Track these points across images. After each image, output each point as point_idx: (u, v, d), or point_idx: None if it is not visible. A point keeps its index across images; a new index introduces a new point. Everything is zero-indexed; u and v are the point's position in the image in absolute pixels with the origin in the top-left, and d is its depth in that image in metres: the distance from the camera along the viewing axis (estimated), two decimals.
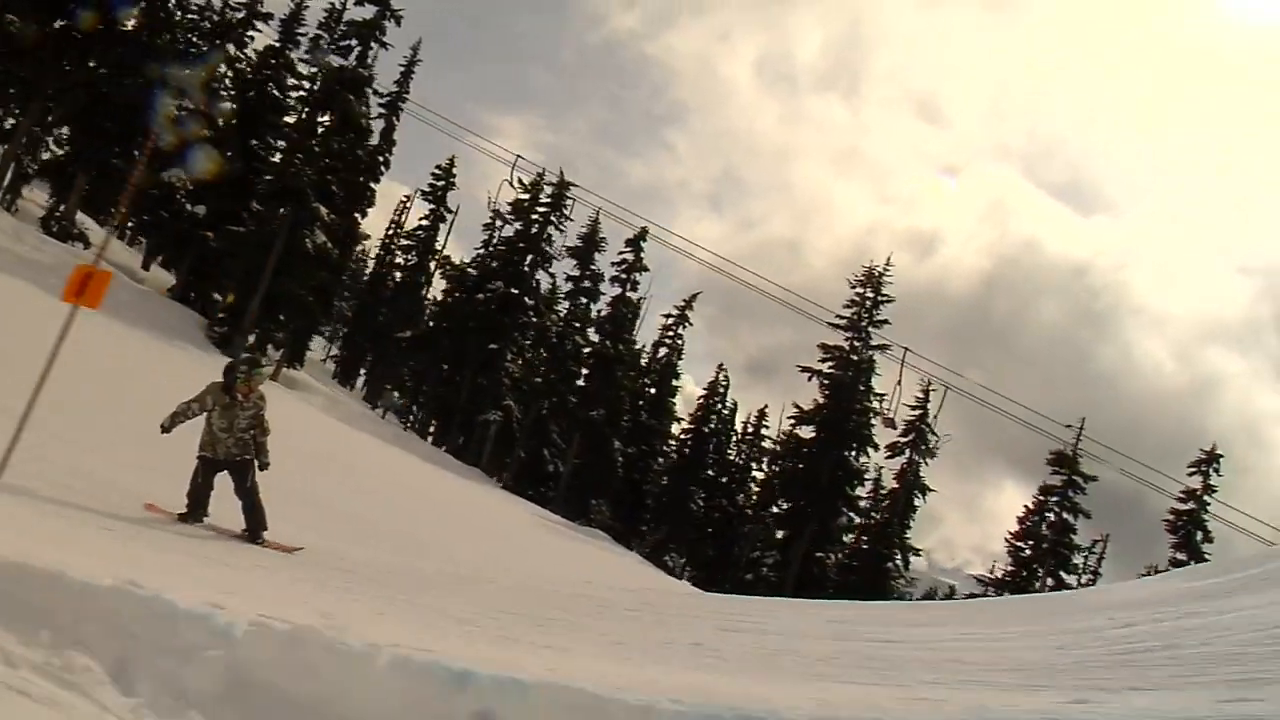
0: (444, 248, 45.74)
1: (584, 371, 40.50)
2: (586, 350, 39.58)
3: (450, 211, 45.70)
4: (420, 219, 46.39)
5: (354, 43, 31.68)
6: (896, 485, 42.01)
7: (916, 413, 41.95)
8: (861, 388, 41.21)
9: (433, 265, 45.01)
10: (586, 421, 38.45)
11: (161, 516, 8.63)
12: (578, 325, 39.90)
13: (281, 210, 29.43)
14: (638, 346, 44.81)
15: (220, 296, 31.39)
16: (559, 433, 39.73)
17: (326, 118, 30.76)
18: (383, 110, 33.82)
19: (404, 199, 49.79)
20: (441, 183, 45.57)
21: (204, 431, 9.11)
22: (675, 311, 45.64)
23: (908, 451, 42.20)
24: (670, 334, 45.66)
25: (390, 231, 48.46)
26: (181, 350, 27.25)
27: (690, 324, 46.02)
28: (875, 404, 41.38)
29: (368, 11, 31.87)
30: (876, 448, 41.79)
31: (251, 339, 30.30)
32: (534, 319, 39.44)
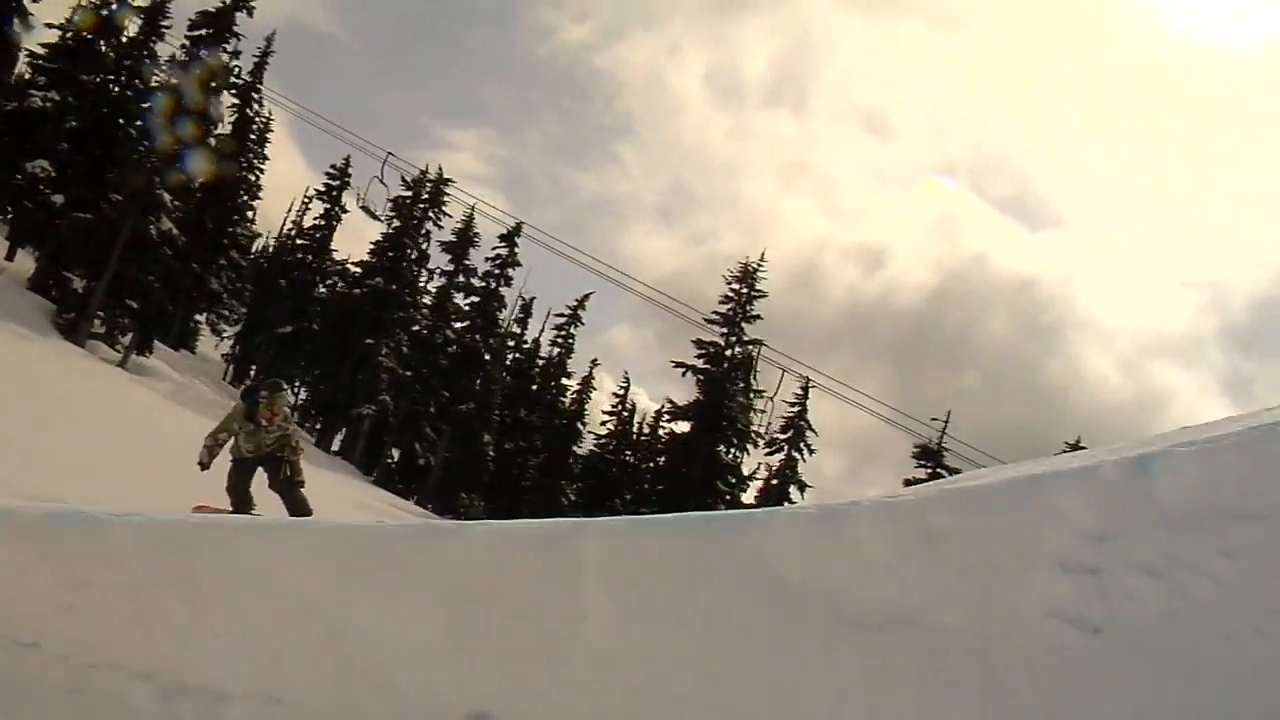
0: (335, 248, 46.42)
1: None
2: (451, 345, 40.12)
3: (345, 210, 46.39)
4: (316, 218, 47.11)
5: (205, 32, 32.25)
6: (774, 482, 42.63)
7: (795, 409, 42.61)
8: (740, 384, 41.80)
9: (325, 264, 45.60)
10: (456, 415, 38.94)
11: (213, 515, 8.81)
12: (451, 318, 40.37)
13: (115, 196, 29.97)
14: (527, 345, 45.74)
15: (76, 285, 31.84)
16: (431, 427, 40.21)
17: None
18: (235, 101, 34.21)
19: (305, 200, 50.35)
20: (336, 182, 46.20)
21: (231, 448, 9.45)
22: (568, 311, 46.49)
23: (785, 448, 42.84)
24: (562, 333, 46.42)
25: (288, 230, 49.18)
26: (19, 337, 27.68)
27: (582, 323, 46.73)
28: (752, 401, 42.05)
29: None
30: (755, 444, 42.34)
31: (98, 324, 30.72)
32: (409, 314, 40.00)
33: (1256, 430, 7.02)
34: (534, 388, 44.63)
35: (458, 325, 40.70)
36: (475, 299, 41.47)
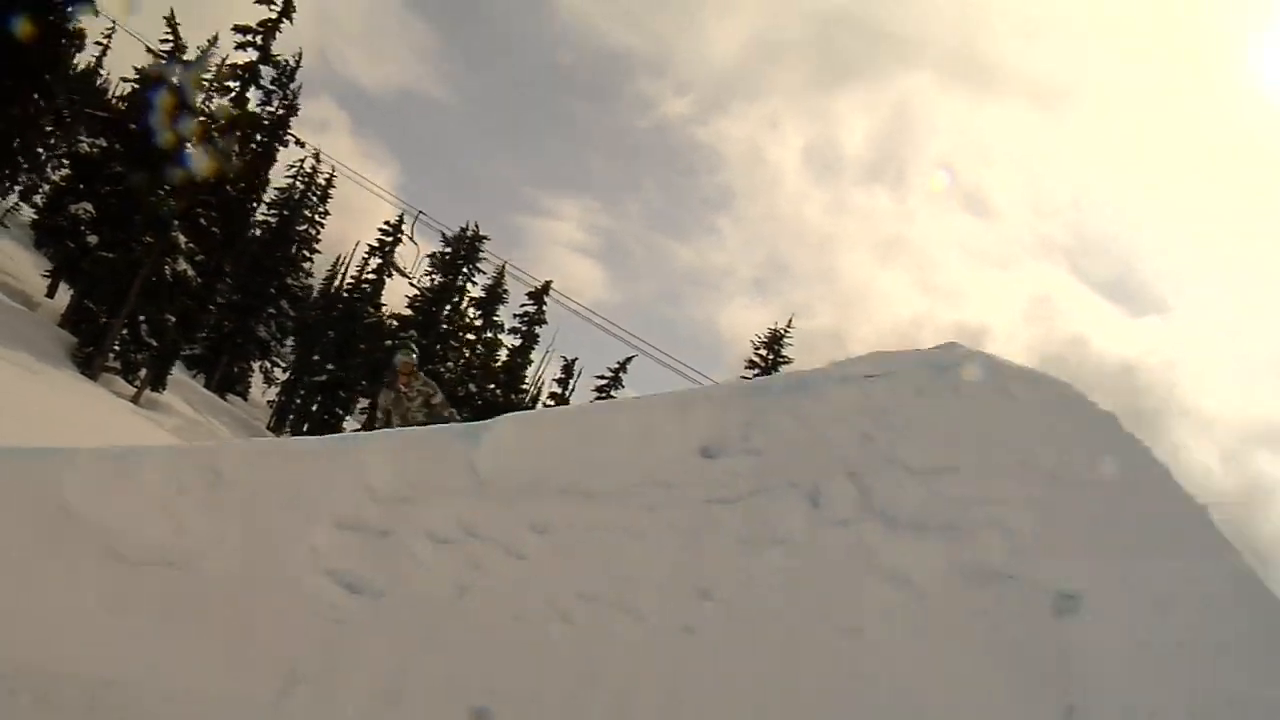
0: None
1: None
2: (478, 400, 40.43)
3: (396, 269, 47.44)
4: (368, 272, 48.27)
5: (234, 85, 33.56)
6: None
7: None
8: None
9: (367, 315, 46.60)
10: None
11: None
12: (474, 373, 40.71)
13: (147, 239, 31.17)
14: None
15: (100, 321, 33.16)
16: None
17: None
18: (256, 146, 35.36)
19: (364, 254, 51.68)
20: (390, 237, 47.34)
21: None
22: (609, 374, 46.43)
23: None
24: (602, 395, 46.32)
25: (337, 282, 50.55)
26: (27, 368, 28.85)
27: (622, 386, 46.55)
28: None
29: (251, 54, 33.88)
30: None
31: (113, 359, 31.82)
32: (437, 368, 40.50)
33: (591, 408, 6.67)
34: None
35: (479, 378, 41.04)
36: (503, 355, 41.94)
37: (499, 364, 40.96)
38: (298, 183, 46.42)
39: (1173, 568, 5.92)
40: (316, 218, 50.09)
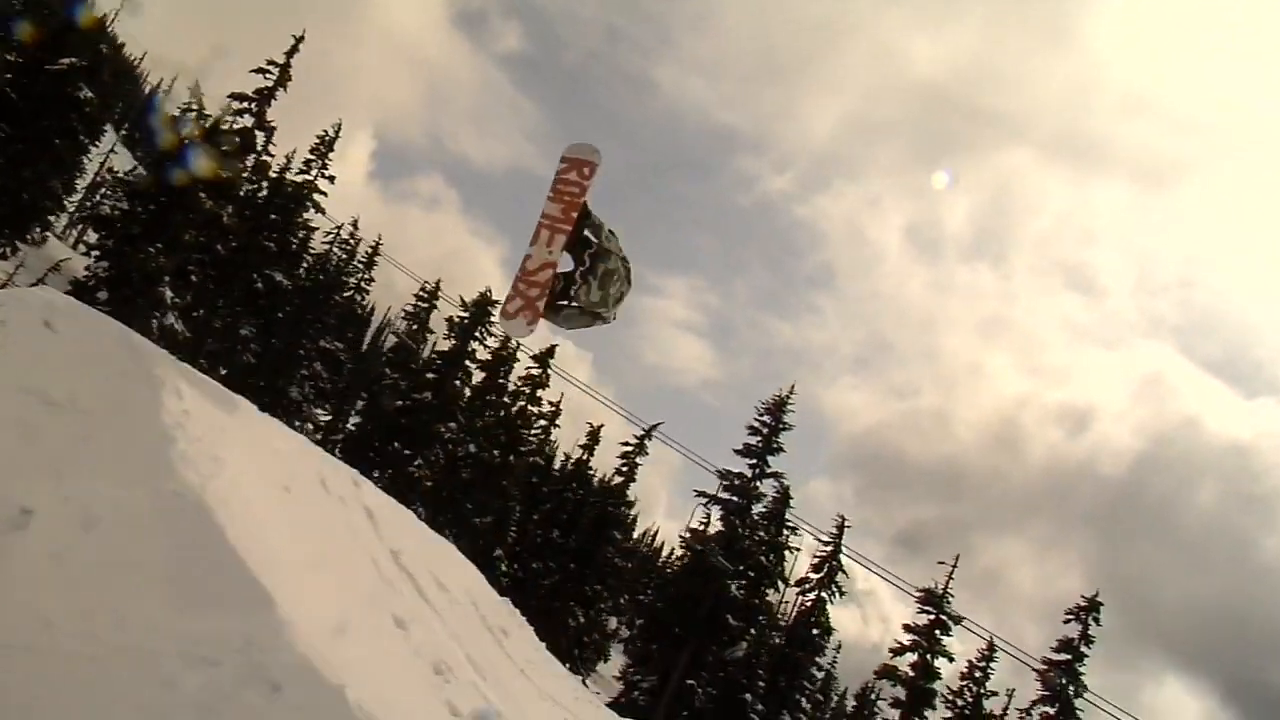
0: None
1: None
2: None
3: (431, 331, 48.99)
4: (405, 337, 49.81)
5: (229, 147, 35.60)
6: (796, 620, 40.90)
7: (829, 548, 40.88)
8: (765, 521, 40.56)
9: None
10: (472, 530, 39.61)
11: None
12: (479, 435, 41.31)
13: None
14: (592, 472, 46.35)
15: None
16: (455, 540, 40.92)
17: None
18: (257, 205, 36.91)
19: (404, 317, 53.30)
20: (425, 304, 48.89)
21: None
22: (634, 440, 46.42)
23: (817, 590, 40.98)
24: (625, 462, 46.30)
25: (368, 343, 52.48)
26: None
27: (646, 453, 46.36)
28: (787, 538, 40.66)
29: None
30: (783, 580, 40.76)
31: None
32: (443, 429, 41.40)
33: None
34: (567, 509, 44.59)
35: (482, 440, 41.55)
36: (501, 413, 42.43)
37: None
38: (336, 249, 48.45)
39: (109, 491, 5.99)
40: (363, 284, 52.47)
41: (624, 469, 45.27)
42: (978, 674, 39.26)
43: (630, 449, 45.55)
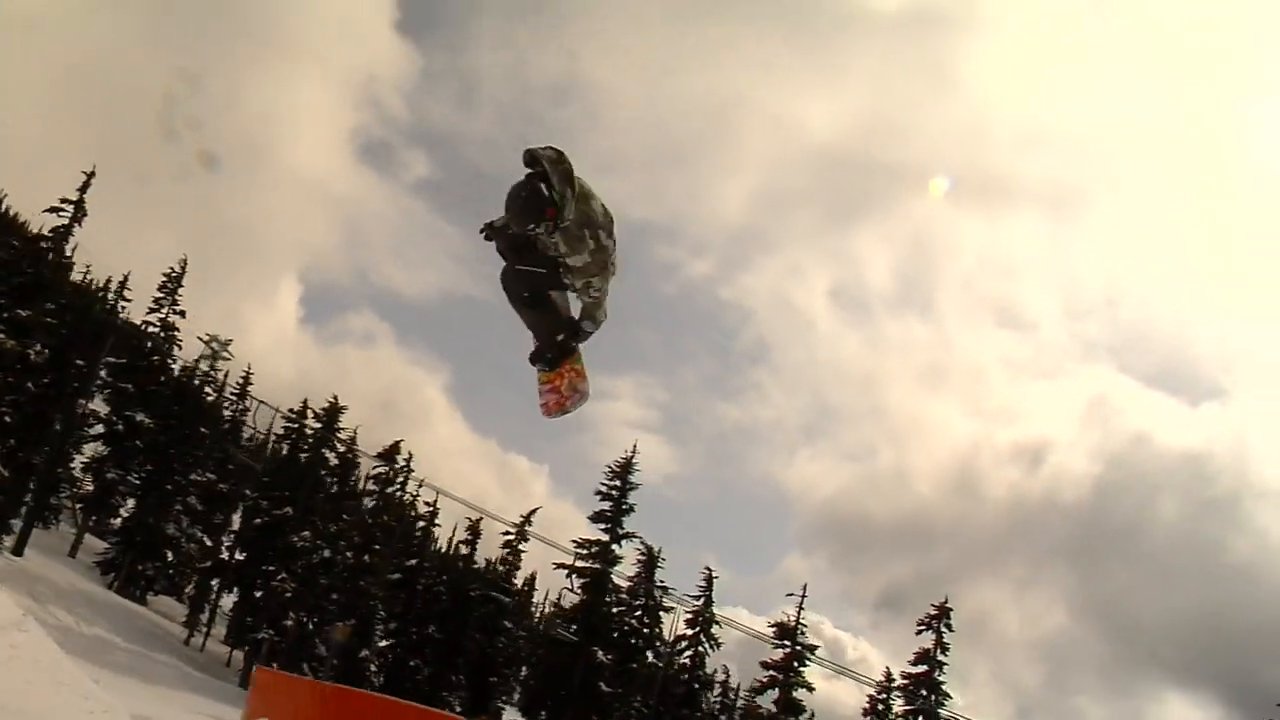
0: None
1: None
2: None
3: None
4: None
5: None
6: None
7: (700, 600, 40.56)
8: (626, 582, 40.35)
9: None
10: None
11: None
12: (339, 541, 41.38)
13: None
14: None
15: None
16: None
17: None
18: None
19: None
20: (294, 424, 49.39)
21: None
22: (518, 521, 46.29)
23: (692, 645, 40.56)
24: (509, 552, 46.09)
25: None
26: None
27: (526, 540, 46.25)
28: (660, 598, 40.40)
29: None
30: (661, 641, 40.38)
31: None
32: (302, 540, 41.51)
33: None
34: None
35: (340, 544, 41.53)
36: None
37: None
38: (199, 380, 48.96)
39: None
40: (238, 414, 53.15)
41: (508, 557, 45.16)
42: (880, 707, 38.69)
43: (511, 537, 45.47)
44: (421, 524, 46.76)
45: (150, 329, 46.50)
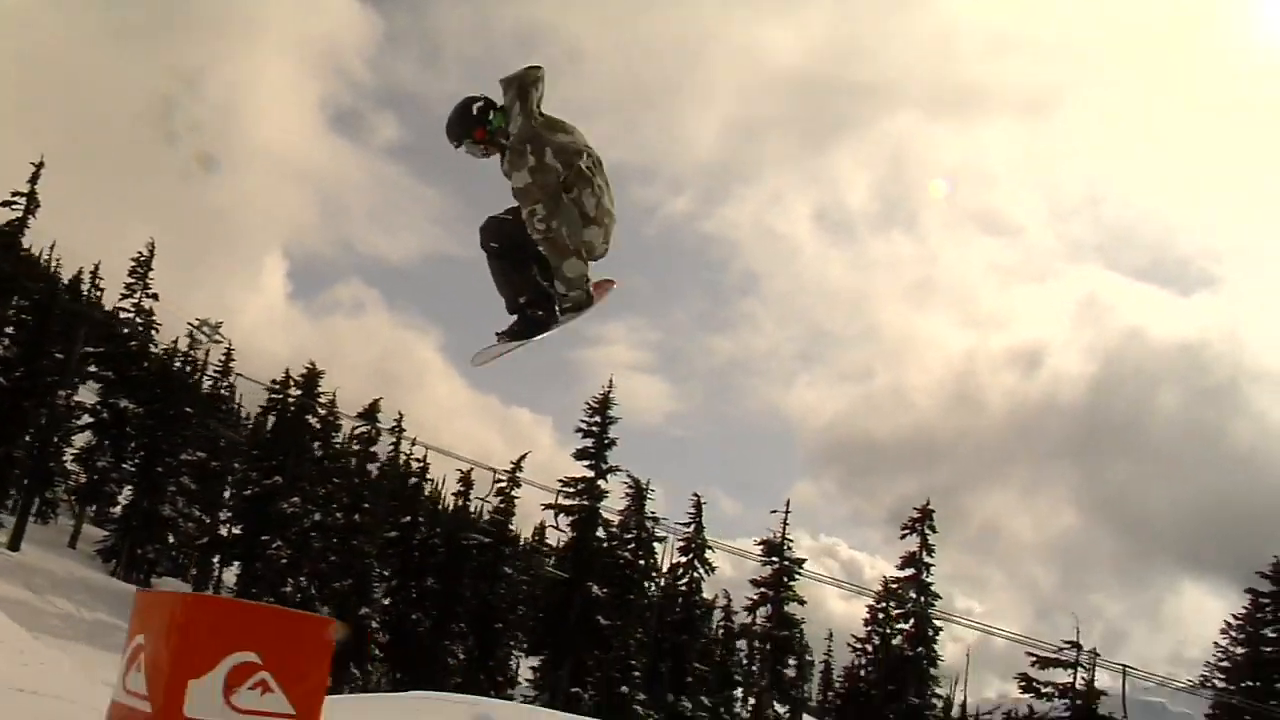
0: None
1: None
2: None
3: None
4: None
5: None
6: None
7: (690, 527, 40.80)
8: (614, 517, 40.59)
9: None
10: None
11: None
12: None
13: None
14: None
15: None
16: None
17: None
18: None
19: None
20: (277, 394, 49.59)
21: None
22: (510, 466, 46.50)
23: (687, 573, 40.86)
24: (502, 498, 46.35)
25: None
26: None
27: (519, 486, 46.47)
28: (652, 530, 40.65)
29: None
30: (657, 572, 40.69)
31: None
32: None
33: None
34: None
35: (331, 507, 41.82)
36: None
37: None
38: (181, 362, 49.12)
39: None
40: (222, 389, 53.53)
41: (501, 505, 45.38)
42: (880, 615, 38.98)
43: (503, 484, 45.65)
44: (414, 480, 47.00)
45: (124, 314, 46.57)
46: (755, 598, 37.07)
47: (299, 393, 44.20)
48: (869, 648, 39.39)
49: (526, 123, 5.46)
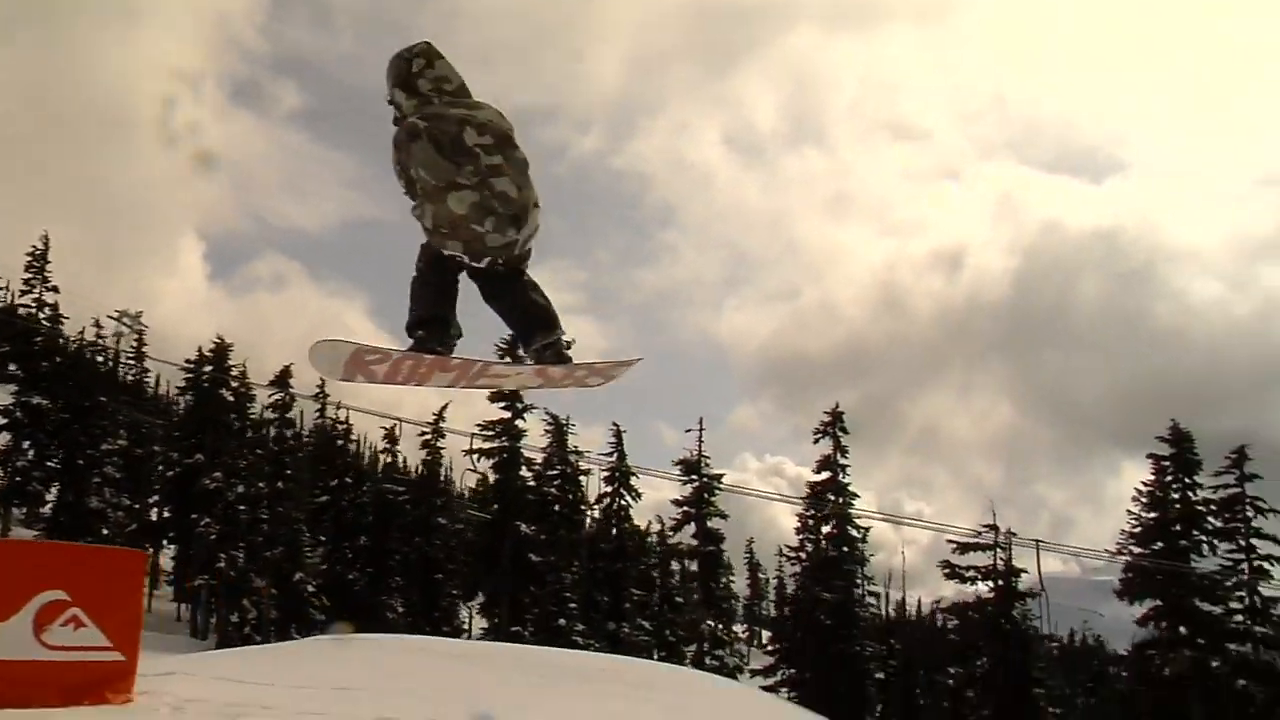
0: None
1: None
2: None
3: None
4: None
5: None
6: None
7: (613, 458, 41.19)
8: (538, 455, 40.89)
9: None
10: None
11: None
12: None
13: None
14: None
15: None
16: None
17: None
18: None
19: None
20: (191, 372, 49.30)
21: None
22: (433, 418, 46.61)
23: (614, 502, 41.37)
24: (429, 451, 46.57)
25: None
26: None
27: (443, 434, 46.62)
28: (576, 463, 40.99)
29: None
30: (573, 509, 41.10)
31: None
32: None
33: None
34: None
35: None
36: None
37: None
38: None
39: None
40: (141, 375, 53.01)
41: (428, 458, 45.59)
42: (809, 523, 39.65)
43: (428, 437, 45.82)
44: (340, 442, 47.08)
45: (24, 310, 45.98)
46: (679, 517, 37.61)
47: (210, 369, 43.88)
48: (802, 555, 40.06)
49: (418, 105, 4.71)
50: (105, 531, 47.06)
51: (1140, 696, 34.90)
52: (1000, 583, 35.64)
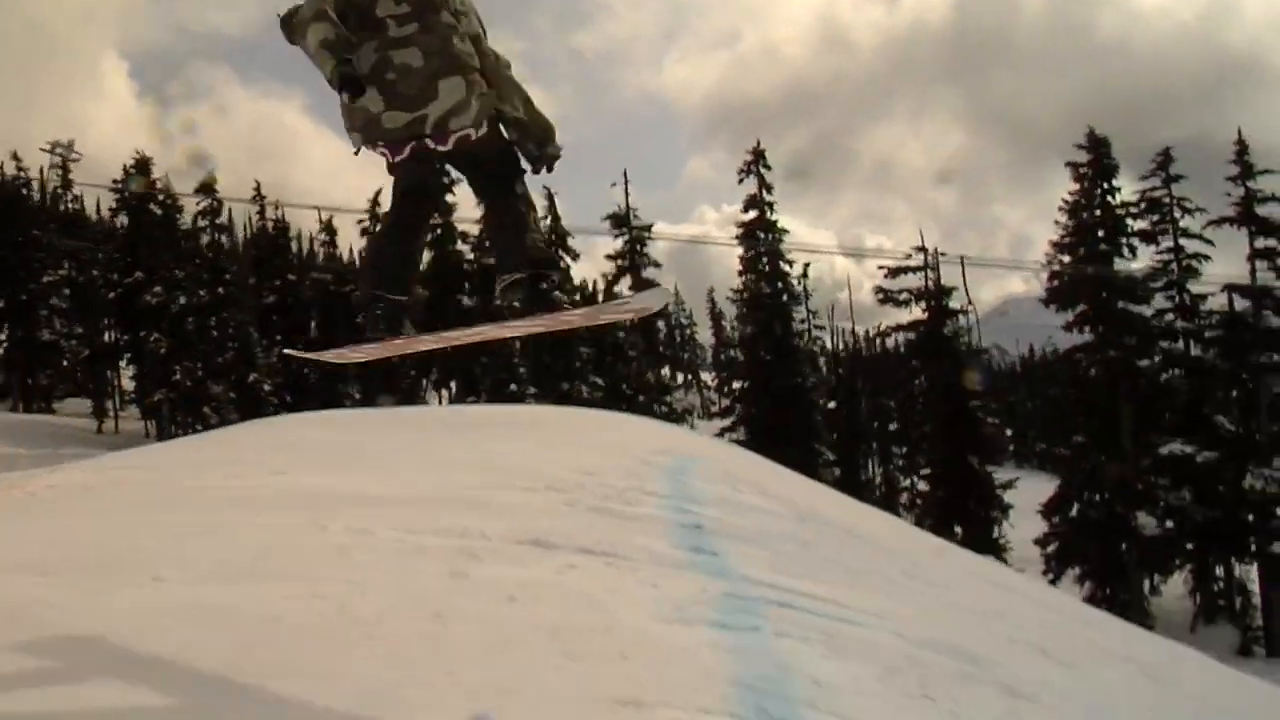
0: None
1: None
2: None
3: None
4: None
5: None
6: None
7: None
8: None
9: None
10: None
11: None
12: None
13: None
14: None
15: None
16: None
17: None
18: None
19: None
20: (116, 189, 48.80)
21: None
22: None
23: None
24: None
25: None
26: None
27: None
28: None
29: None
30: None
31: None
32: None
33: None
34: None
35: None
36: None
37: None
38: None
39: None
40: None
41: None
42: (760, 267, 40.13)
43: (363, 221, 45.87)
44: (280, 241, 47.29)
45: None
46: (614, 271, 38.19)
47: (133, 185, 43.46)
48: (744, 295, 40.70)
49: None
50: (65, 364, 47.88)
51: (1072, 399, 36.23)
52: (932, 303, 36.52)
